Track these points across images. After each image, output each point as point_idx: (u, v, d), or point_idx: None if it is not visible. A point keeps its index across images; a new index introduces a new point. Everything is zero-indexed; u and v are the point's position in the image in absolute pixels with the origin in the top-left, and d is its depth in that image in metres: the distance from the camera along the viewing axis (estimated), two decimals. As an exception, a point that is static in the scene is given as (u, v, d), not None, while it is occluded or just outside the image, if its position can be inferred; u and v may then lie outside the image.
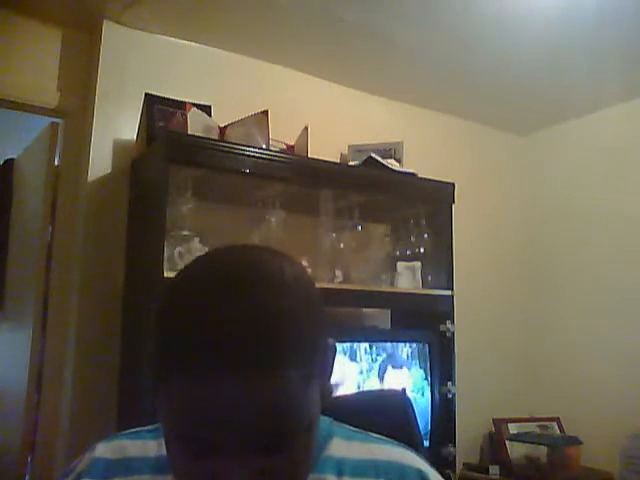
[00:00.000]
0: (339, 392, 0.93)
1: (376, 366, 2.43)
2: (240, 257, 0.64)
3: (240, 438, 0.56)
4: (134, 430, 0.77)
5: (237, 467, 0.56)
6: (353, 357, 2.39)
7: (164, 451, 0.67)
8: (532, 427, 3.05)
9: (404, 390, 1.01)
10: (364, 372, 2.40)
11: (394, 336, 2.61)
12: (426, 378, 2.52)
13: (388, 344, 2.51)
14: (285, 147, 2.49)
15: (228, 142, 2.22)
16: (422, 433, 0.83)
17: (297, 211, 2.50)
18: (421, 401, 2.49)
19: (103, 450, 0.74)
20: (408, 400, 0.98)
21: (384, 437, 0.76)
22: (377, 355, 2.45)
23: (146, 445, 0.74)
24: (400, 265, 2.64)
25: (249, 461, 0.56)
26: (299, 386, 0.57)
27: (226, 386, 0.54)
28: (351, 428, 0.77)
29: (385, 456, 0.72)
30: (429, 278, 2.65)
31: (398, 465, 0.71)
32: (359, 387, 2.35)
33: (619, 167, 3.13)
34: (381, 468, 0.71)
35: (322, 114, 2.80)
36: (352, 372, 2.36)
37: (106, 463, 0.72)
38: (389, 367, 2.47)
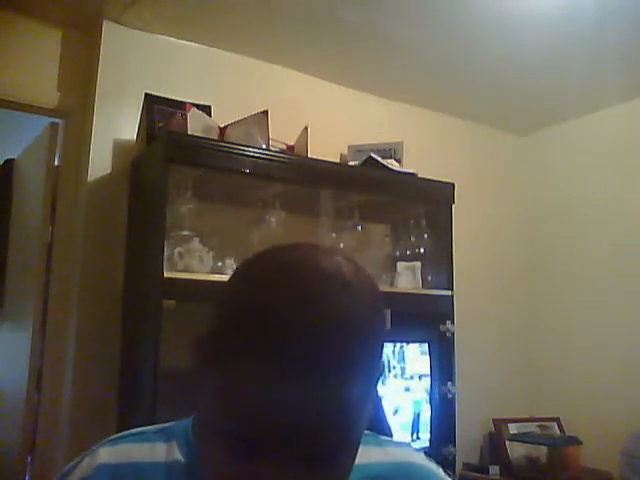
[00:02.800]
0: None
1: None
2: (315, 258, 0.59)
3: (295, 445, 0.53)
4: (138, 431, 0.72)
5: (280, 474, 0.53)
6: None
7: (174, 455, 0.66)
8: (532, 427, 3.05)
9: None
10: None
11: (394, 336, 2.61)
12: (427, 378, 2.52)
13: (388, 344, 2.51)
14: (285, 147, 2.49)
15: (228, 142, 2.22)
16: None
17: (297, 211, 2.50)
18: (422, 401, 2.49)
19: (107, 455, 0.67)
20: (380, 404, 0.95)
21: (392, 439, 0.77)
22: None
23: (154, 448, 0.68)
24: (400, 265, 2.64)
25: (294, 470, 0.54)
26: (360, 404, 0.55)
27: (300, 389, 0.51)
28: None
29: (399, 457, 0.74)
30: (429, 278, 2.65)
31: (412, 465, 0.73)
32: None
33: (619, 167, 3.12)
34: (399, 470, 0.72)
35: (322, 114, 2.80)
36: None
37: (112, 469, 0.66)
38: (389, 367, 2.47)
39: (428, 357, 2.56)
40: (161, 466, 0.66)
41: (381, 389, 2.38)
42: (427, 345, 2.56)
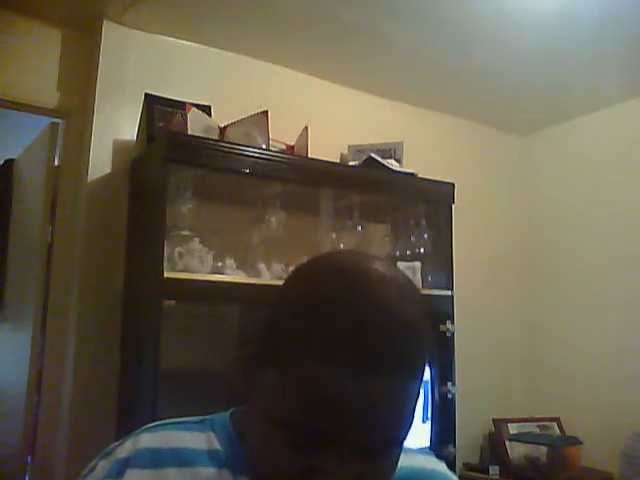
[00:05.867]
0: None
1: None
2: (369, 263, 0.62)
3: (356, 438, 0.56)
4: (178, 420, 0.74)
5: (339, 468, 0.56)
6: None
7: (214, 445, 0.69)
8: (532, 427, 3.05)
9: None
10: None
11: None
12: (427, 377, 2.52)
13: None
14: (285, 147, 2.49)
15: (228, 142, 2.22)
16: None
17: (297, 211, 2.50)
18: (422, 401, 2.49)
19: (149, 440, 0.69)
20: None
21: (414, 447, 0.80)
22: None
23: (195, 436, 0.70)
24: (400, 265, 2.63)
25: (355, 465, 0.57)
26: (415, 403, 0.60)
27: (369, 386, 0.55)
28: None
29: (424, 464, 0.78)
30: (429, 278, 2.65)
31: (437, 472, 0.78)
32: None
33: (619, 167, 3.12)
34: (424, 475, 0.76)
35: (322, 114, 2.80)
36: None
37: (153, 452, 0.68)
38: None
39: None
40: (203, 452, 0.68)
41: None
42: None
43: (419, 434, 2.44)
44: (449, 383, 2.53)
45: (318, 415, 0.56)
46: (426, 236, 2.69)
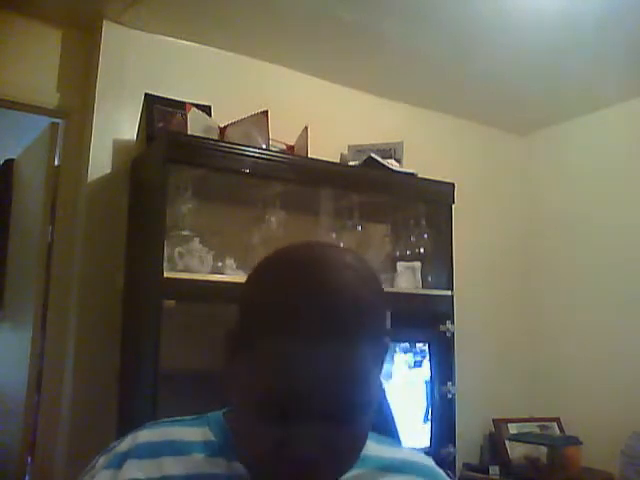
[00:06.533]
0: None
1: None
2: (325, 249, 0.71)
3: (320, 405, 0.61)
4: (176, 418, 0.78)
5: (308, 434, 0.61)
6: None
7: (209, 437, 0.74)
8: (532, 427, 3.05)
9: (382, 387, 1.01)
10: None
11: (394, 336, 2.61)
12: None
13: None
14: (285, 147, 2.49)
15: (228, 142, 2.22)
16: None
17: (297, 211, 2.50)
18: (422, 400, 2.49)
19: (148, 435, 0.74)
20: (384, 396, 0.99)
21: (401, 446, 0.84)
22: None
23: (191, 430, 0.75)
24: (400, 265, 2.64)
25: (320, 429, 0.62)
26: (371, 363, 0.64)
27: (320, 357, 0.60)
28: (377, 435, 0.82)
29: (411, 457, 0.81)
30: (429, 278, 2.65)
31: (422, 464, 0.80)
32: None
33: (619, 167, 3.12)
34: (412, 466, 0.79)
35: (322, 114, 2.80)
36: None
37: (151, 445, 0.73)
38: (392, 367, 2.47)
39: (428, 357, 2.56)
40: (199, 443, 0.73)
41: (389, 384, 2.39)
42: (427, 345, 2.56)
43: (419, 434, 2.45)
44: (449, 383, 2.53)
45: (282, 387, 0.61)
46: (426, 236, 2.69)
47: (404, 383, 2.49)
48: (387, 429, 0.91)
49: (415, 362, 2.53)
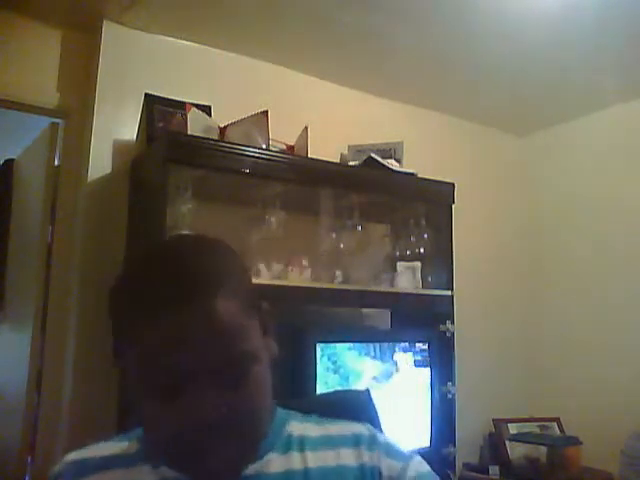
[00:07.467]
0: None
1: (381, 367, 2.43)
2: (178, 238, 0.82)
3: (198, 364, 0.63)
4: (106, 438, 0.81)
5: (202, 402, 0.63)
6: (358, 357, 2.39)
7: (133, 449, 0.76)
8: (532, 427, 3.05)
9: (367, 390, 1.03)
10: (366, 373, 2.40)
11: (394, 336, 2.61)
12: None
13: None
14: (285, 147, 2.49)
15: (228, 142, 2.22)
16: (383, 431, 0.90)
17: (297, 211, 2.50)
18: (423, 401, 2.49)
19: (75, 455, 0.79)
20: (370, 399, 1.00)
21: (336, 420, 0.83)
22: (381, 355, 2.45)
23: (117, 445, 0.77)
24: (400, 265, 2.64)
25: (211, 395, 0.63)
26: (236, 314, 0.66)
27: (171, 323, 0.63)
28: (302, 415, 0.83)
29: (338, 430, 0.80)
30: (429, 278, 2.65)
31: (350, 434, 0.79)
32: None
33: (618, 167, 3.12)
34: (337, 440, 0.78)
35: (322, 114, 2.80)
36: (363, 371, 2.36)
37: (79, 463, 0.76)
38: (392, 367, 2.47)
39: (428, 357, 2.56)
40: (125, 456, 0.75)
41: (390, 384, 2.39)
42: (427, 345, 2.56)
43: (419, 434, 2.44)
44: (449, 383, 2.53)
45: (160, 359, 0.63)
46: (426, 236, 2.69)
47: (404, 383, 2.49)
48: None
49: (415, 362, 2.53)
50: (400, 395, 2.45)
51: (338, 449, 0.76)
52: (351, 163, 2.68)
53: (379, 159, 2.58)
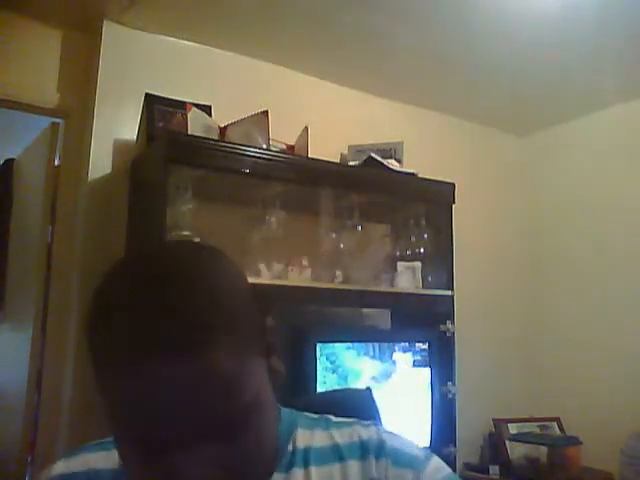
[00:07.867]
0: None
1: (381, 366, 2.43)
2: (164, 255, 0.63)
3: (180, 427, 0.53)
4: (97, 442, 0.75)
5: (191, 461, 0.54)
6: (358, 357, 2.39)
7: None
8: (532, 427, 3.05)
9: (369, 389, 1.02)
10: (366, 372, 2.40)
11: (394, 336, 2.61)
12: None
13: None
14: (285, 147, 2.49)
15: (228, 142, 2.22)
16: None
17: (297, 211, 2.50)
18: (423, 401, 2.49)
19: (63, 466, 0.73)
20: (371, 397, 1.00)
21: (344, 419, 0.76)
22: (380, 355, 2.45)
23: (110, 456, 0.71)
24: (400, 265, 2.64)
25: (201, 453, 0.54)
26: (230, 365, 0.54)
27: (152, 374, 0.52)
28: (312, 416, 0.76)
29: (345, 438, 0.72)
30: (429, 278, 2.65)
31: (358, 441, 0.71)
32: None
33: (618, 167, 3.12)
34: (343, 450, 0.70)
35: (322, 114, 2.80)
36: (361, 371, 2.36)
37: (68, 478, 0.71)
38: (391, 367, 2.47)
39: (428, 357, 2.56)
40: (114, 471, 0.69)
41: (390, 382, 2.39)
42: (427, 345, 2.56)
43: (419, 434, 2.44)
44: (449, 383, 2.53)
45: (132, 423, 0.54)
46: (426, 236, 2.69)
47: (403, 383, 2.49)
48: None
49: (415, 362, 2.53)
50: (400, 395, 2.45)
51: (345, 462, 0.69)
52: (351, 163, 2.68)
53: (379, 159, 2.58)
